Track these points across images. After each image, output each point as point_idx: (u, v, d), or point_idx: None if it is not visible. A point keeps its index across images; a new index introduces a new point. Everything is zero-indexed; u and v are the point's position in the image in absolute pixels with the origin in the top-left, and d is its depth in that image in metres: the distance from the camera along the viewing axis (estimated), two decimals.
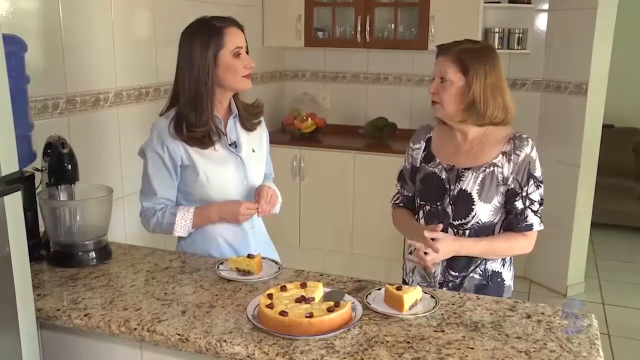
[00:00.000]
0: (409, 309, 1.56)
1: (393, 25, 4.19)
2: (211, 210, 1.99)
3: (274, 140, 2.24)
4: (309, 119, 4.38)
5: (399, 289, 1.59)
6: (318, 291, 1.58)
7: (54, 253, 1.90)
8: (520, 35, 4.13)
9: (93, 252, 1.90)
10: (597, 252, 5.04)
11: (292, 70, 4.81)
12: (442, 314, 1.56)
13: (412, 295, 1.57)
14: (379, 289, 1.66)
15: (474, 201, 1.91)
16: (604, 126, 4.13)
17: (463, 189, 1.92)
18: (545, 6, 4.21)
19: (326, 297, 1.57)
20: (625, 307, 4.11)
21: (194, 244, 2.06)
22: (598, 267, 4.77)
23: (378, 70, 4.57)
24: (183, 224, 1.97)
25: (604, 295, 4.30)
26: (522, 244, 1.93)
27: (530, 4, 4.17)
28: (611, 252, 5.13)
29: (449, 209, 1.95)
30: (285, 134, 4.42)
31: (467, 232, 1.94)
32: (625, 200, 5.60)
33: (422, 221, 2.03)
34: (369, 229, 4.12)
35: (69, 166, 1.92)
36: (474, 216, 1.92)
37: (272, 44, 4.43)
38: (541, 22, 4.24)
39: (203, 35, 1.90)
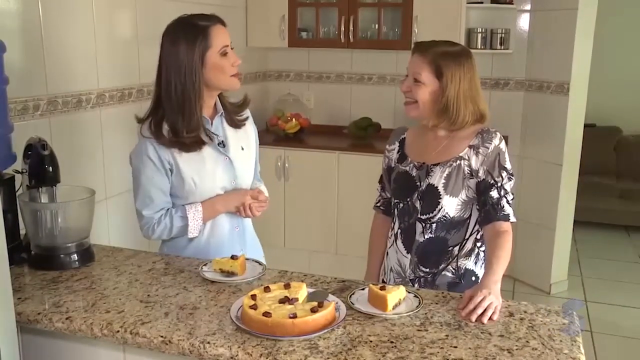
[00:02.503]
0: (393, 308, 1.56)
1: (377, 25, 4.21)
2: (217, 201, 1.99)
3: (258, 140, 2.23)
4: (293, 119, 4.38)
5: (382, 288, 1.59)
6: (302, 292, 1.57)
7: (34, 256, 1.88)
8: (503, 35, 4.16)
9: (75, 255, 1.88)
10: (580, 250, 5.10)
11: (276, 71, 4.80)
12: (425, 313, 1.57)
13: (396, 295, 1.58)
14: (363, 289, 1.66)
15: (440, 195, 1.92)
16: (585, 125, 4.18)
17: (430, 183, 1.94)
18: (527, 6, 4.25)
19: (310, 298, 1.57)
20: (608, 305, 4.15)
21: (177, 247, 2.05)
22: (581, 264, 4.82)
23: (362, 70, 4.59)
24: (196, 224, 1.97)
25: (586, 292, 4.35)
26: (509, 242, 1.86)
27: (513, 4, 4.20)
28: (594, 249, 5.19)
29: (418, 204, 1.97)
30: (270, 135, 4.42)
31: (434, 225, 1.95)
32: (607, 199, 5.66)
33: (396, 218, 2.05)
34: (354, 228, 4.12)
35: (50, 168, 1.90)
36: (440, 209, 1.93)
37: (255, 45, 4.43)
38: (523, 22, 4.28)
39: (188, 36, 1.84)
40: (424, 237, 1.97)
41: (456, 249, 1.97)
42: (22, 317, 1.56)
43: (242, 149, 2.06)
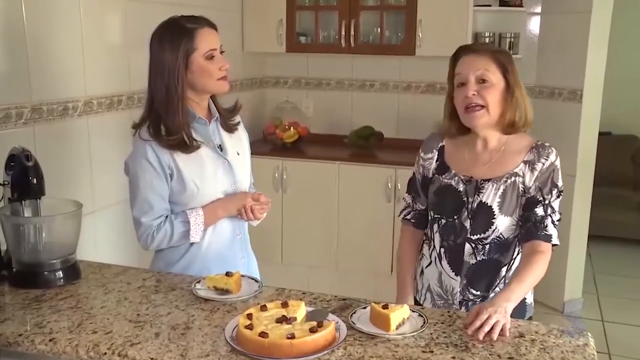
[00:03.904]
0: (396, 328, 1.56)
1: (379, 29, 4.22)
2: (217, 206, 2.02)
3: (255, 150, 2.25)
4: (291, 128, 4.38)
5: (385, 307, 1.59)
6: (300, 311, 1.57)
7: (16, 273, 1.88)
8: (512, 39, 4.17)
9: (60, 272, 1.88)
10: (596, 266, 5.08)
11: (273, 77, 4.82)
12: (430, 334, 1.57)
13: (399, 314, 1.58)
14: (365, 308, 1.66)
15: (495, 214, 1.90)
16: (600, 134, 4.18)
17: (483, 201, 1.91)
18: (538, 9, 4.28)
19: (309, 317, 1.56)
20: (626, 325, 4.14)
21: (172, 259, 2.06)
22: (596, 282, 4.81)
23: (363, 76, 4.60)
24: (198, 228, 1.99)
25: (603, 312, 4.33)
26: (542, 264, 1.83)
27: (522, 7, 4.22)
28: (610, 266, 5.17)
29: (467, 223, 1.93)
30: (267, 144, 4.43)
31: (487, 246, 1.93)
32: (624, 211, 5.65)
33: (436, 235, 2.01)
34: (356, 243, 4.13)
35: (34, 180, 1.90)
36: (494, 230, 1.91)
37: (252, 50, 4.45)
38: (533, 25, 4.30)
39: (173, 37, 1.90)
40: (476, 259, 1.95)
41: (504, 269, 1.96)
42: (1, 339, 1.56)
43: (238, 154, 2.11)
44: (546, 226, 1.87)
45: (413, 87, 4.47)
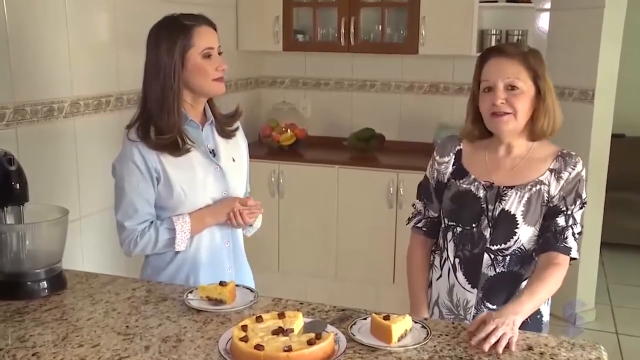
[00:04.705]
0: (398, 340, 1.56)
1: (380, 27, 4.24)
2: (205, 213, 2.02)
3: (250, 154, 2.25)
4: (288, 130, 4.39)
5: (386, 318, 1.59)
6: (297, 322, 1.57)
7: None
8: (520, 37, 4.18)
9: (44, 282, 1.87)
10: (609, 276, 5.08)
11: (269, 77, 4.83)
12: (434, 346, 1.57)
13: (401, 325, 1.58)
14: (365, 319, 1.66)
15: (518, 224, 1.89)
16: (613, 135, 4.19)
17: (506, 209, 1.90)
18: (547, 5, 4.29)
19: (306, 329, 1.56)
20: None
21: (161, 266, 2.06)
22: (610, 292, 4.80)
23: (364, 76, 4.61)
24: (183, 236, 1.99)
25: (617, 323, 4.32)
26: (557, 277, 1.82)
27: (531, 2, 4.23)
28: (624, 275, 5.17)
29: (487, 232, 1.92)
30: (262, 147, 4.43)
31: (508, 258, 1.92)
32: (639, 217, 5.65)
33: (450, 244, 1.99)
34: (356, 250, 4.13)
35: (17, 185, 1.89)
36: (516, 241, 1.90)
37: (247, 48, 4.46)
38: (542, 22, 4.32)
39: (170, 34, 1.93)
40: (495, 271, 1.94)
41: (524, 283, 1.94)
42: None
43: (233, 160, 2.12)
44: (566, 238, 1.86)
45: (416, 88, 4.48)
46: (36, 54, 2.63)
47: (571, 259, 1.88)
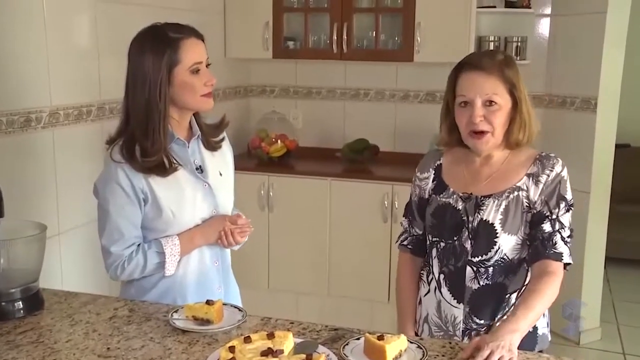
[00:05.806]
0: None
1: (374, 33, 4.25)
2: (194, 233, 2.01)
3: (239, 166, 2.25)
4: (279, 141, 4.40)
5: (380, 338, 1.59)
6: (287, 342, 1.57)
7: None
8: (519, 43, 4.21)
9: (20, 302, 1.86)
10: (614, 292, 5.08)
11: (258, 86, 4.84)
12: None
13: (396, 345, 1.58)
14: (358, 339, 1.66)
15: (497, 233, 1.91)
16: (617, 146, 4.20)
17: (484, 219, 1.92)
18: (547, 10, 4.32)
19: (297, 350, 1.57)
20: None
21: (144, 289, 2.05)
22: (616, 309, 4.80)
23: (357, 85, 4.63)
24: (173, 259, 1.98)
25: (624, 343, 4.30)
26: (553, 286, 1.83)
27: (530, 8, 4.25)
28: (631, 292, 5.17)
29: (468, 244, 1.94)
30: (252, 159, 4.43)
31: (491, 269, 1.93)
32: None
33: (435, 261, 2.02)
34: (349, 267, 4.13)
35: None
36: (497, 251, 1.92)
37: (235, 56, 4.47)
38: (543, 28, 4.34)
39: (156, 48, 1.89)
40: (478, 284, 1.95)
41: (514, 296, 1.96)
42: None
43: (220, 174, 2.10)
44: (555, 243, 1.88)
45: (411, 96, 4.50)
46: (12, 61, 2.63)
47: (566, 265, 1.89)
